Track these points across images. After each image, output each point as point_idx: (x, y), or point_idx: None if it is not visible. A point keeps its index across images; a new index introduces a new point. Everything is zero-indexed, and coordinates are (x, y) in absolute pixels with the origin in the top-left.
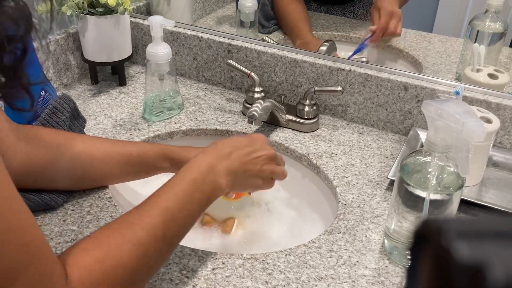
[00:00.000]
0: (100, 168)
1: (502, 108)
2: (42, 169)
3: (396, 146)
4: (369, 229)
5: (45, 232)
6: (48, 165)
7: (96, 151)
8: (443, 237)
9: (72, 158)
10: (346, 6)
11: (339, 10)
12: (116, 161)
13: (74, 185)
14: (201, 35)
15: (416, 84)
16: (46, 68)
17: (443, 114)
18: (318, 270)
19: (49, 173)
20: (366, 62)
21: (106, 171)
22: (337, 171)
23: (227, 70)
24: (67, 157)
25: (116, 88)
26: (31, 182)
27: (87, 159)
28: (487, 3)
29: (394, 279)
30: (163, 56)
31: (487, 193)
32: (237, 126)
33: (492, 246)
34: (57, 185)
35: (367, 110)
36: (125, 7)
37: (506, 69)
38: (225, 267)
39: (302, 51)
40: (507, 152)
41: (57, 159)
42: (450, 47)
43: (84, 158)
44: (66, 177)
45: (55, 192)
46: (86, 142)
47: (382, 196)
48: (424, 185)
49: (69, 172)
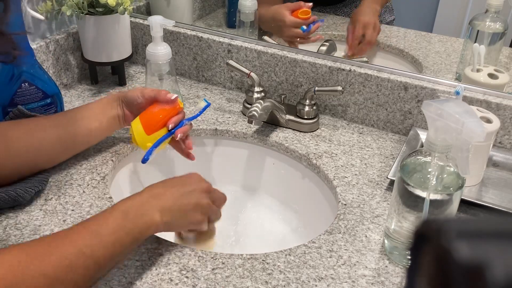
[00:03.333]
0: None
1: (502, 108)
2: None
3: (396, 146)
4: (369, 229)
5: (45, 232)
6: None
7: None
8: (443, 237)
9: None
10: (338, 6)
11: (331, 10)
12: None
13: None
14: (201, 35)
15: (416, 84)
16: (46, 68)
17: (443, 114)
18: (318, 270)
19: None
20: (366, 62)
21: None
22: (337, 171)
23: (227, 70)
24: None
25: (116, 88)
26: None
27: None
28: (487, 3)
29: (394, 279)
30: (163, 56)
31: (487, 193)
32: (237, 126)
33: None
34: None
35: (367, 110)
36: (125, 7)
37: (506, 69)
38: (225, 267)
39: (302, 51)
40: (507, 152)
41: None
42: (450, 47)
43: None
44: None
45: (22, 187)
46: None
47: (382, 196)
48: (424, 185)
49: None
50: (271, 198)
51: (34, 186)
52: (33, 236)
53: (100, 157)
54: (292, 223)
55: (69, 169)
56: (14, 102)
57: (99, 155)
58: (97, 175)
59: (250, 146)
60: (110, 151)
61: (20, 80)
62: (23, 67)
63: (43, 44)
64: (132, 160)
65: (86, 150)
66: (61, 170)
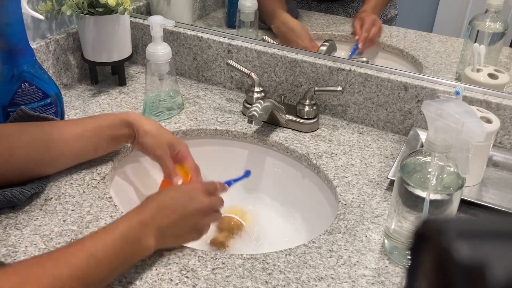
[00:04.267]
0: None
1: (502, 108)
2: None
3: (396, 146)
4: (369, 229)
5: (45, 232)
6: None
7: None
8: (443, 237)
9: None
10: (346, 2)
11: (339, 6)
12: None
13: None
14: (201, 35)
15: (416, 84)
16: (46, 68)
17: (443, 114)
18: (318, 270)
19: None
20: (366, 62)
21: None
22: (337, 171)
23: (227, 70)
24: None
25: (116, 88)
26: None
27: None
28: (487, 3)
29: (394, 279)
30: (163, 56)
31: (487, 193)
32: (237, 126)
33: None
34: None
35: (367, 110)
36: (125, 7)
37: (506, 69)
38: (225, 267)
39: (302, 51)
40: (507, 152)
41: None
42: (450, 47)
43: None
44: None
45: (18, 188)
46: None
47: (382, 196)
48: (424, 185)
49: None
50: (271, 198)
51: (31, 188)
52: (33, 236)
53: (100, 157)
54: (292, 223)
55: (69, 169)
56: (14, 102)
57: None
58: (97, 175)
59: (250, 146)
60: (110, 151)
61: (20, 80)
62: (23, 67)
63: (43, 44)
64: (132, 160)
65: None
66: (61, 170)
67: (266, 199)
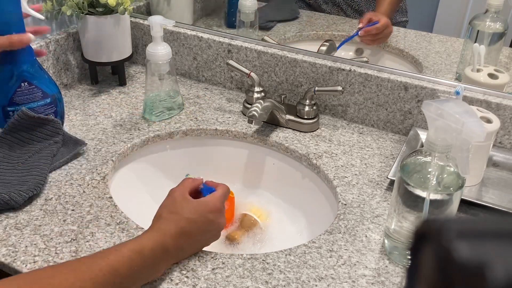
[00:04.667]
0: None
1: (502, 108)
2: None
3: (396, 146)
4: (369, 229)
5: (45, 232)
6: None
7: None
8: (443, 237)
9: None
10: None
11: (345, 3)
12: None
13: None
14: (201, 35)
15: (416, 84)
16: (46, 68)
17: (443, 114)
18: (318, 270)
19: None
20: (366, 62)
21: None
22: (337, 171)
23: (227, 70)
24: None
25: (116, 88)
26: None
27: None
28: (487, 3)
29: (394, 279)
30: (163, 56)
31: (487, 193)
32: (237, 126)
33: (492, 246)
34: None
35: (367, 110)
36: (125, 7)
37: (506, 69)
38: (225, 267)
39: (302, 51)
40: (507, 152)
41: None
42: (450, 47)
43: None
44: None
45: (16, 190)
46: None
47: (382, 196)
48: (424, 185)
49: None
50: (271, 198)
51: (29, 189)
52: (33, 236)
53: (100, 157)
54: (292, 223)
55: (69, 169)
56: (13, 101)
57: (99, 155)
58: (97, 175)
59: (250, 146)
60: (110, 151)
61: (20, 79)
62: (23, 66)
63: (43, 44)
64: (132, 160)
65: (86, 150)
66: (61, 170)
67: (266, 199)
